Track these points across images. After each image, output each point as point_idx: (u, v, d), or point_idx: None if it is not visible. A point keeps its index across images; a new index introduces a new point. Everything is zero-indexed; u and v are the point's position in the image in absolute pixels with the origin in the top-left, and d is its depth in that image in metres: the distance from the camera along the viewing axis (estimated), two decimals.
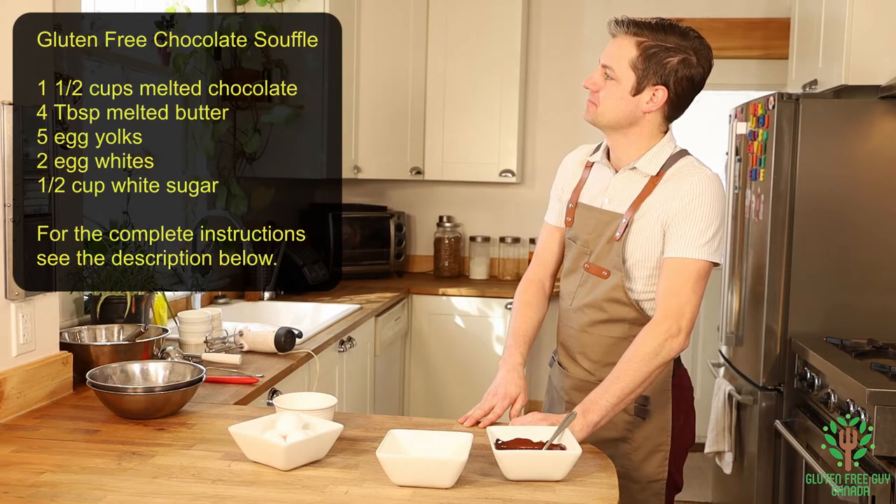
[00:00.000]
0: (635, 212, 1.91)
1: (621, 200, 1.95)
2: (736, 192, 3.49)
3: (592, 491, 1.52)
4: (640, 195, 1.93)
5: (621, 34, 1.91)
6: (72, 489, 1.49)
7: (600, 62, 1.93)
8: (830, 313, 3.03)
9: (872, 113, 3.00)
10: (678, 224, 1.86)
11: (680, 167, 1.94)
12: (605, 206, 1.98)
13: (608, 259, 1.95)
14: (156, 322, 2.59)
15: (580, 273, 2.01)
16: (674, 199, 1.88)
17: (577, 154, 2.15)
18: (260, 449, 1.59)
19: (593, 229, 1.98)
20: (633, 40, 1.88)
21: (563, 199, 2.10)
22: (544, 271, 2.15)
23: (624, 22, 1.90)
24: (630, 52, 1.88)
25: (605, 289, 1.95)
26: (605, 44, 1.98)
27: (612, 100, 1.91)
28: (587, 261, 1.99)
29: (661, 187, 1.91)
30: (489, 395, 1.94)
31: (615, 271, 1.94)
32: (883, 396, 2.27)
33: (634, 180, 1.95)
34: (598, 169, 2.05)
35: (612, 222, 1.95)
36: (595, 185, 2.03)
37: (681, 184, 1.89)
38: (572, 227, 2.04)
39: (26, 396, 1.95)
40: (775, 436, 3.05)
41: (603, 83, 1.92)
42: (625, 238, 1.92)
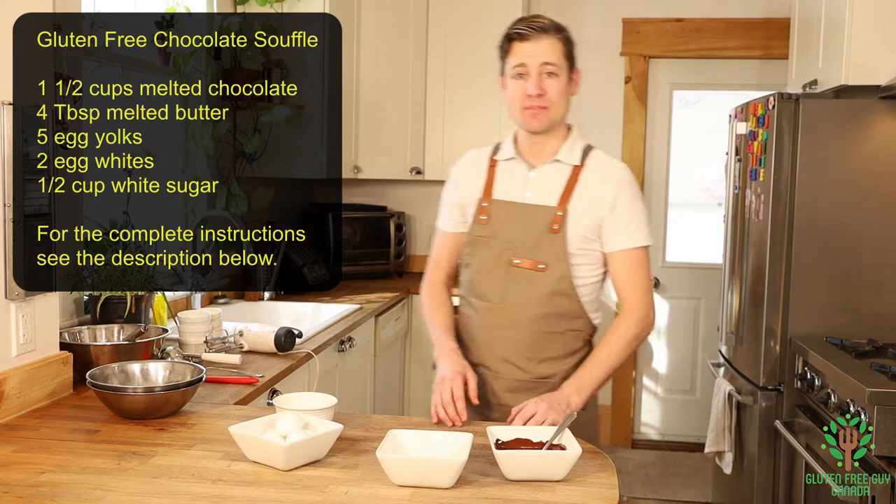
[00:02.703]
0: (568, 203, 1.98)
1: (546, 193, 2.01)
2: (736, 192, 3.50)
3: (592, 491, 1.52)
4: (568, 186, 2.00)
5: (545, 36, 1.98)
6: (72, 489, 1.49)
7: (533, 65, 1.97)
8: (830, 313, 3.03)
9: (872, 113, 3.00)
10: (618, 216, 1.98)
11: (598, 158, 2.05)
12: (528, 201, 2.02)
13: (544, 252, 1.98)
14: (156, 322, 2.59)
15: (505, 270, 2.01)
16: (605, 191, 1.99)
17: (471, 159, 2.16)
18: (260, 449, 1.60)
19: (520, 224, 2.00)
20: (557, 36, 1.99)
21: (468, 201, 2.10)
22: (444, 274, 2.18)
23: (541, 24, 1.99)
24: (558, 46, 1.98)
25: (547, 282, 1.98)
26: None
27: (562, 96, 2.01)
28: (517, 256, 2.00)
29: (586, 178, 2.01)
30: (439, 384, 1.92)
31: (556, 263, 1.98)
32: (883, 396, 2.27)
33: (557, 172, 2.02)
34: (508, 166, 2.08)
35: (542, 215, 1.99)
36: (509, 182, 2.06)
37: (607, 175, 2.01)
38: (488, 225, 2.03)
39: (26, 396, 1.95)
40: (775, 436, 3.05)
41: (548, 84, 1.98)
42: (563, 229, 1.97)
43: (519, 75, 1.99)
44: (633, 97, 4.71)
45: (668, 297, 4.86)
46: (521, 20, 2.02)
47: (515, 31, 1.99)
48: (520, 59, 1.98)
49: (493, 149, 2.14)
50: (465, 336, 2.11)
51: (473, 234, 2.07)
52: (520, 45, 1.98)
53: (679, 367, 4.87)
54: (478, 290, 2.06)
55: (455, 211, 2.14)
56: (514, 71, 1.99)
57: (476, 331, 2.08)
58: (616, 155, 4.73)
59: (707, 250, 4.64)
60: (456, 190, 2.14)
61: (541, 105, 1.97)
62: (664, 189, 4.82)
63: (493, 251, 2.03)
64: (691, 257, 4.84)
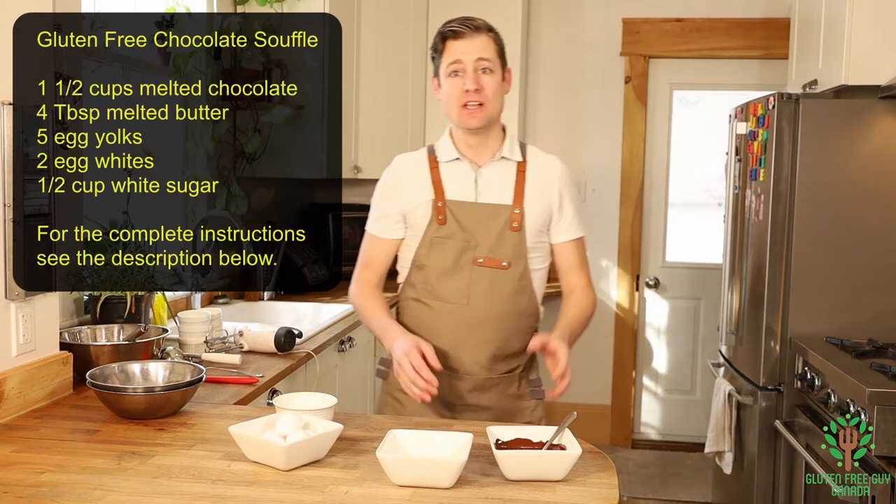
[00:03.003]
0: (523, 200, 2.03)
1: (496, 191, 2.04)
2: (736, 192, 3.50)
3: (592, 491, 1.52)
4: (517, 184, 2.04)
5: (479, 34, 2.01)
6: (72, 489, 1.49)
7: (468, 61, 1.99)
8: (830, 313, 3.03)
9: (872, 113, 3.00)
10: (565, 210, 2.08)
11: (536, 154, 2.11)
12: (480, 200, 2.04)
13: (506, 250, 2.02)
14: (156, 322, 2.59)
15: (469, 269, 2.02)
16: (552, 187, 2.07)
17: (407, 164, 2.13)
18: (260, 449, 1.59)
19: (479, 223, 2.02)
20: (489, 35, 2.03)
21: (414, 205, 2.06)
22: (376, 276, 2.15)
23: (474, 22, 2.02)
24: (492, 44, 2.02)
25: (510, 280, 2.02)
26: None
27: (498, 93, 2.03)
28: (479, 255, 2.01)
29: (532, 174, 2.06)
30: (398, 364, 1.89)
31: (518, 260, 2.02)
32: (883, 396, 2.27)
33: (504, 170, 2.06)
34: (452, 167, 2.08)
35: (498, 214, 2.03)
36: (457, 182, 2.06)
37: (551, 171, 2.09)
38: (445, 225, 2.03)
39: (26, 396, 1.95)
40: (775, 436, 3.05)
41: (484, 80, 2.00)
42: (522, 227, 2.01)
43: (454, 73, 2.00)
44: (633, 97, 4.71)
45: (668, 297, 4.86)
46: (454, 19, 2.04)
47: (450, 30, 2.01)
48: (455, 56, 1.99)
49: (428, 151, 2.12)
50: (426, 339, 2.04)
51: (430, 236, 2.05)
52: (454, 42, 2.00)
53: (679, 367, 4.87)
54: (438, 291, 2.05)
55: (396, 219, 2.10)
56: (449, 69, 2.00)
57: (440, 334, 2.04)
58: (616, 155, 4.76)
59: (707, 250, 4.64)
60: (398, 197, 2.09)
61: (479, 101, 1.99)
62: (664, 189, 4.82)
63: (453, 251, 2.03)
64: (691, 257, 4.84)
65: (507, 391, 2.09)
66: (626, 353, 4.86)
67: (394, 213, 2.10)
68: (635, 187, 4.76)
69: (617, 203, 4.79)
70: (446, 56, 2.01)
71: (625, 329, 4.85)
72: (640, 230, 4.81)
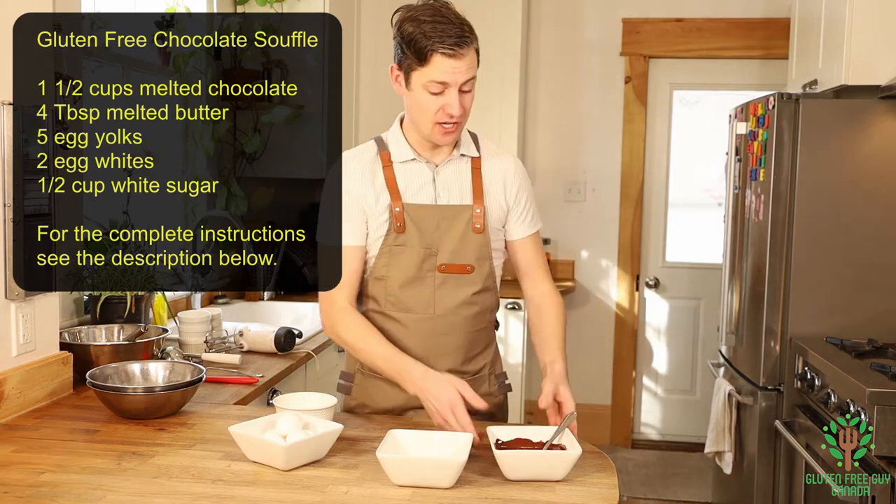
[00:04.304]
0: (482, 198, 1.94)
1: (456, 191, 1.93)
2: (736, 192, 3.50)
3: (592, 491, 1.52)
4: (475, 183, 1.95)
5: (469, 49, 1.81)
6: (72, 489, 1.49)
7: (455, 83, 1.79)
8: (830, 313, 3.03)
9: (872, 113, 3.00)
10: (521, 205, 2.00)
11: (489, 149, 2.01)
12: (439, 202, 1.92)
13: (467, 253, 1.92)
14: (156, 322, 2.59)
15: (432, 277, 1.91)
16: (508, 183, 1.98)
17: (359, 163, 1.95)
18: (260, 449, 1.59)
19: (440, 227, 1.91)
20: (475, 45, 1.83)
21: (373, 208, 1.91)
22: (350, 295, 1.94)
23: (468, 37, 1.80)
24: (475, 56, 1.84)
25: (475, 282, 1.93)
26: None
27: (470, 108, 1.88)
28: (441, 261, 1.90)
29: (488, 171, 1.97)
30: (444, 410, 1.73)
31: (482, 262, 1.94)
32: (883, 396, 2.27)
33: (460, 168, 1.95)
34: (407, 168, 1.93)
35: (459, 215, 1.92)
36: (414, 183, 1.92)
37: (506, 167, 2.00)
38: (404, 233, 1.89)
39: (26, 396, 1.95)
40: (775, 436, 3.05)
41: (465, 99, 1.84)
42: (486, 227, 1.93)
43: (436, 92, 1.80)
44: (633, 97, 4.71)
45: (668, 297, 4.86)
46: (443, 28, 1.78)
47: (443, 48, 1.76)
48: (443, 77, 1.78)
49: (378, 146, 1.96)
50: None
51: (388, 244, 1.90)
52: (444, 60, 1.77)
53: (679, 367, 4.87)
54: (404, 302, 1.92)
55: (359, 221, 1.92)
56: (431, 86, 1.80)
57: (409, 346, 1.91)
58: (616, 155, 4.76)
59: (707, 250, 4.64)
60: (360, 199, 1.91)
61: (456, 122, 1.84)
62: (664, 189, 4.82)
63: (414, 260, 1.90)
64: (691, 257, 4.84)
65: (479, 391, 1.92)
66: (626, 353, 4.86)
67: (357, 213, 1.92)
68: (635, 187, 4.76)
69: (617, 203, 4.79)
70: (430, 70, 1.78)
71: (625, 329, 4.85)
72: (640, 230, 4.81)
